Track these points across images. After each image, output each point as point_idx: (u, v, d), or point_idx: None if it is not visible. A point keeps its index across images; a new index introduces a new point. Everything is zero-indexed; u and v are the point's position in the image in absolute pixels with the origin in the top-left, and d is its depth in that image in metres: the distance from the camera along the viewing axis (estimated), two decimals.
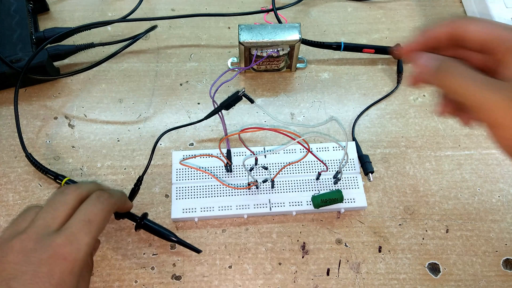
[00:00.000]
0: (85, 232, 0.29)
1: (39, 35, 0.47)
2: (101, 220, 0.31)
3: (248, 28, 0.43)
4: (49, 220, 0.29)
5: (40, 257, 0.28)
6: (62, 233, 0.28)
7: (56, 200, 0.31)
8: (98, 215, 0.30)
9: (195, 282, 0.37)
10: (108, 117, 0.45)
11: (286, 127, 0.45)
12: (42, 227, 0.29)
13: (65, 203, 0.30)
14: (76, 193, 0.31)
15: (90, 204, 0.31)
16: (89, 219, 0.30)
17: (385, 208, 0.41)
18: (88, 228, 0.29)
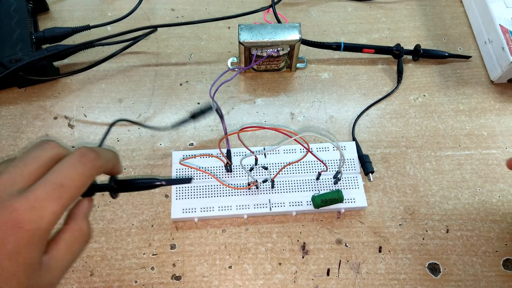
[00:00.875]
0: (52, 199, 0.24)
1: (39, 35, 0.47)
2: (77, 186, 0.25)
3: (248, 28, 0.43)
4: (15, 177, 0.25)
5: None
6: (24, 196, 0.24)
7: (29, 154, 0.26)
8: (74, 180, 0.25)
9: (195, 282, 0.37)
10: (108, 117, 0.45)
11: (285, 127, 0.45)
12: (4, 185, 0.24)
13: (38, 159, 0.25)
14: (56, 149, 0.26)
15: (67, 164, 0.25)
16: (62, 183, 0.24)
17: (385, 208, 0.41)
18: (58, 194, 0.24)
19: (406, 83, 0.48)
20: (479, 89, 0.48)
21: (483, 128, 0.45)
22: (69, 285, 0.37)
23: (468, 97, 0.47)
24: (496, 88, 0.48)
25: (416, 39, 0.51)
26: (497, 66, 0.47)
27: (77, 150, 0.26)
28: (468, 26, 0.52)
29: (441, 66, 0.49)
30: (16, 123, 0.45)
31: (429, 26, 0.53)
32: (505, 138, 0.45)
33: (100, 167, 0.27)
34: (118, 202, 0.41)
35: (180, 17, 0.53)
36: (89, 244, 0.38)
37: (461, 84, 0.48)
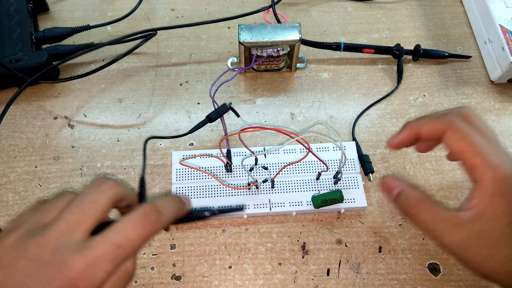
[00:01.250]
0: (110, 259, 0.23)
1: (39, 35, 0.47)
2: (135, 247, 0.24)
3: (248, 28, 0.43)
4: (72, 226, 0.24)
5: (51, 276, 0.23)
6: (82, 253, 0.23)
7: (86, 197, 0.25)
8: (134, 242, 0.24)
9: (195, 282, 0.37)
10: (108, 117, 0.45)
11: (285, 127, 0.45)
12: (63, 233, 0.24)
13: (96, 204, 0.25)
14: (114, 191, 0.25)
15: (129, 224, 0.25)
16: (121, 244, 0.24)
17: (385, 208, 0.41)
18: (115, 255, 0.24)
19: (406, 83, 0.48)
20: (479, 89, 0.48)
21: None
22: None
23: (468, 97, 0.47)
24: (496, 88, 0.48)
25: (416, 39, 0.51)
26: (497, 66, 0.47)
27: (141, 208, 0.25)
28: (468, 26, 0.52)
29: (441, 66, 0.49)
30: (16, 123, 0.45)
31: (429, 26, 0.53)
32: (505, 138, 0.45)
33: (160, 228, 0.26)
34: None
35: (180, 17, 0.53)
36: None
37: (461, 84, 0.48)
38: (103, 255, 0.23)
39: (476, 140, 0.29)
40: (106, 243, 0.24)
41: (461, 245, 0.29)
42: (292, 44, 0.43)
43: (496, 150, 0.29)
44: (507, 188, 0.28)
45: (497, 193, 0.28)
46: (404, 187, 0.32)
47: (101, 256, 0.23)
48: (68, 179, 0.42)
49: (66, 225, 0.24)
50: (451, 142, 0.30)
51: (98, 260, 0.23)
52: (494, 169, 0.28)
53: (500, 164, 0.28)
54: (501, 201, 0.28)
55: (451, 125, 0.30)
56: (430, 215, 0.30)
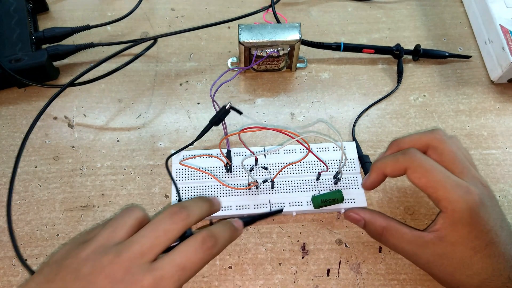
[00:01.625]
0: (174, 280, 0.26)
1: (39, 35, 0.47)
2: (195, 270, 0.27)
3: (248, 28, 0.43)
4: (145, 249, 0.27)
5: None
6: (152, 274, 0.26)
7: (160, 225, 0.28)
8: (195, 264, 0.27)
9: (195, 282, 0.37)
10: (108, 117, 0.45)
11: (285, 127, 0.45)
12: (136, 255, 0.26)
13: (167, 233, 0.27)
14: (185, 222, 0.28)
15: (191, 248, 0.27)
16: (184, 266, 0.26)
17: (385, 208, 0.41)
18: (178, 276, 0.26)
19: (406, 83, 0.48)
20: (479, 89, 0.48)
21: (483, 128, 0.45)
22: None
23: (468, 97, 0.47)
24: (496, 88, 0.48)
25: (416, 39, 0.51)
26: (497, 66, 0.47)
27: (199, 234, 0.28)
28: (468, 26, 0.52)
29: (441, 66, 0.49)
30: (16, 123, 0.45)
31: (429, 26, 0.52)
32: (505, 138, 0.45)
33: (216, 253, 0.29)
34: (118, 202, 0.41)
35: (180, 17, 0.53)
36: None
37: (461, 84, 0.48)
38: (169, 276, 0.26)
39: (437, 175, 0.31)
40: (172, 265, 0.26)
41: (426, 263, 0.33)
42: (292, 44, 0.43)
43: (461, 180, 0.32)
44: (469, 217, 0.30)
45: (459, 222, 0.31)
46: (367, 218, 0.36)
47: (168, 277, 0.26)
48: (68, 179, 0.42)
49: (140, 248, 0.27)
50: (413, 179, 0.32)
51: (164, 281, 0.26)
52: (455, 203, 0.31)
53: (462, 196, 0.31)
54: (462, 228, 0.31)
55: (411, 164, 0.32)
56: (396, 239, 0.34)
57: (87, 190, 0.41)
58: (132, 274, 0.26)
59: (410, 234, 0.33)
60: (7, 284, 0.37)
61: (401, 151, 0.34)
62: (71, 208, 0.40)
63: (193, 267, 0.27)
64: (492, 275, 0.31)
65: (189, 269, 0.27)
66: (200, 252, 0.27)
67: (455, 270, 0.32)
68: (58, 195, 0.41)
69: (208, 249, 0.28)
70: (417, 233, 0.33)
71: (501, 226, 0.31)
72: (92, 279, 0.26)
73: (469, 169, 0.33)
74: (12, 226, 0.39)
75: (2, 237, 0.39)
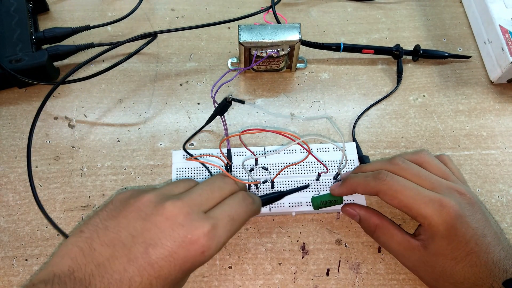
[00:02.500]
0: (227, 229, 0.28)
1: (39, 35, 0.47)
2: (242, 222, 0.30)
3: (248, 28, 0.43)
4: (203, 199, 0.29)
5: (185, 238, 0.27)
6: (209, 221, 0.28)
7: (215, 183, 0.31)
8: (240, 216, 0.30)
9: (195, 282, 0.37)
10: (108, 117, 0.46)
11: (285, 127, 0.45)
12: (196, 203, 0.28)
13: (221, 190, 0.30)
14: (233, 186, 0.31)
15: (237, 202, 0.30)
16: (233, 217, 0.29)
17: (384, 208, 0.41)
18: (231, 226, 0.29)
19: (405, 84, 0.48)
20: (478, 90, 0.48)
21: (482, 129, 0.45)
22: None
23: (467, 97, 0.47)
24: (496, 89, 0.48)
25: (416, 39, 0.51)
26: (496, 66, 0.47)
27: (240, 193, 0.32)
28: (468, 27, 0.52)
29: (440, 67, 0.49)
30: (16, 123, 0.45)
31: (429, 26, 0.53)
32: (504, 139, 0.45)
33: (255, 211, 0.33)
34: None
35: (180, 17, 0.53)
36: None
37: (461, 84, 0.48)
38: (223, 224, 0.28)
39: (408, 194, 0.32)
40: (224, 215, 0.29)
41: (413, 266, 0.34)
42: (292, 44, 0.43)
43: (434, 193, 0.32)
44: (445, 230, 0.31)
45: (436, 235, 0.32)
46: (362, 214, 0.37)
47: (221, 225, 0.28)
48: (68, 179, 0.42)
49: (199, 197, 0.29)
50: (386, 201, 0.34)
51: (219, 229, 0.28)
52: (429, 218, 0.32)
53: (435, 210, 0.31)
54: (441, 240, 0.32)
55: (381, 187, 0.33)
56: (387, 237, 0.35)
57: (88, 190, 0.41)
58: (192, 220, 0.27)
59: (400, 236, 0.34)
60: (7, 284, 0.37)
61: (372, 174, 0.34)
62: (72, 208, 0.40)
63: (240, 219, 0.30)
64: (474, 284, 0.31)
65: (237, 220, 0.29)
66: (244, 206, 0.30)
67: (439, 278, 0.32)
68: (58, 195, 0.41)
69: (250, 204, 0.31)
70: (407, 236, 0.34)
71: (483, 234, 0.31)
72: (153, 220, 0.27)
73: (440, 181, 0.33)
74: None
75: (3, 237, 0.39)
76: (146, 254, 0.26)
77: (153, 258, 0.26)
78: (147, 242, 0.27)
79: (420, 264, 0.33)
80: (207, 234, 0.27)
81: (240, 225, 0.30)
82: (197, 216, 0.28)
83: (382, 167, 0.35)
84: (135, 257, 0.26)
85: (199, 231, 0.27)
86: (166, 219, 0.27)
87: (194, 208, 0.28)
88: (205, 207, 0.29)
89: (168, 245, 0.26)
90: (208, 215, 0.28)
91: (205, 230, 0.27)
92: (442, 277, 0.32)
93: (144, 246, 0.26)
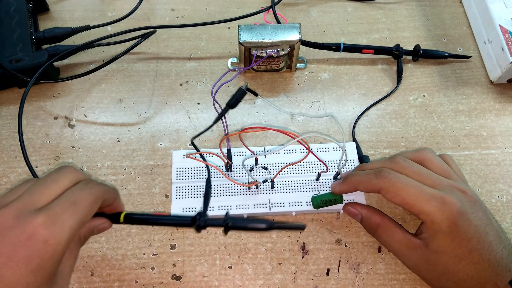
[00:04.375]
0: (69, 214, 0.27)
1: (39, 35, 0.47)
2: (87, 204, 0.28)
3: (248, 28, 0.43)
4: (35, 197, 0.27)
5: (19, 237, 0.25)
6: (44, 212, 0.26)
7: (49, 177, 0.29)
8: (85, 199, 0.28)
9: (195, 282, 0.37)
10: (108, 117, 0.46)
11: (285, 127, 0.45)
12: (26, 203, 0.27)
13: (57, 182, 0.28)
14: (73, 175, 0.29)
15: (78, 187, 0.29)
16: (75, 201, 0.27)
17: (385, 208, 0.41)
18: (73, 210, 0.27)
19: (405, 84, 0.48)
20: (478, 90, 0.48)
21: (482, 129, 0.45)
22: (69, 285, 0.37)
23: (467, 97, 0.47)
24: (496, 89, 0.48)
25: (416, 39, 0.51)
26: (496, 66, 0.47)
27: (83, 180, 0.30)
28: (468, 27, 0.52)
29: (440, 67, 0.49)
30: (16, 123, 0.45)
31: (429, 26, 0.53)
32: (504, 139, 0.45)
33: (104, 192, 0.30)
34: None
35: (180, 17, 0.53)
36: (89, 244, 0.38)
37: (461, 84, 0.48)
38: (63, 210, 0.26)
39: (410, 191, 0.32)
40: (62, 201, 0.27)
41: (414, 265, 0.34)
42: (292, 44, 0.43)
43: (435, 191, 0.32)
44: (447, 227, 0.31)
45: (439, 232, 0.32)
46: (363, 213, 0.37)
47: (61, 211, 0.26)
48: None
49: (29, 197, 0.27)
50: (388, 199, 0.34)
51: (59, 216, 0.26)
52: (431, 215, 0.32)
53: (437, 208, 0.31)
54: (443, 237, 0.31)
55: (383, 185, 0.33)
56: (388, 236, 0.35)
57: None
58: (23, 219, 0.26)
59: (401, 235, 0.34)
60: None
61: (374, 171, 0.34)
62: None
63: (83, 201, 0.28)
64: (478, 283, 0.31)
65: (80, 203, 0.27)
66: (87, 188, 0.29)
67: (441, 276, 0.32)
68: None
69: (94, 186, 0.29)
70: (408, 235, 0.34)
71: (485, 232, 0.32)
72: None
73: (441, 179, 0.34)
74: None
75: None
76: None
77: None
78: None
79: (422, 263, 0.33)
80: (44, 224, 0.25)
81: (86, 207, 0.28)
82: (28, 214, 0.26)
83: (384, 165, 0.35)
84: None
85: (32, 225, 0.25)
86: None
87: (24, 209, 0.26)
88: (38, 204, 0.27)
89: (4, 252, 0.25)
90: (43, 208, 0.27)
91: (40, 221, 0.26)
92: (444, 276, 0.32)
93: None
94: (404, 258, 0.34)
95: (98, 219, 0.32)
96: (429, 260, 0.32)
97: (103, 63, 0.46)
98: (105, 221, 0.32)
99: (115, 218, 0.32)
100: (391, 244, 0.35)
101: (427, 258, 0.32)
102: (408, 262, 0.34)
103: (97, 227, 0.32)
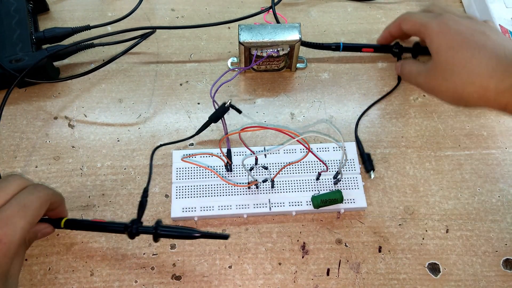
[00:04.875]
0: (20, 216, 0.29)
1: (39, 35, 0.47)
2: (36, 207, 0.31)
3: (248, 28, 0.43)
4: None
5: None
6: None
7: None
8: (33, 202, 0.31)
9: (195, 282, 0.37)
10: (108, 117, 0.45)
11: (285, 127, 0.45)
12: None
13: (5, 189, 0.31)
14: (19, 182, 0.32)
15: (26, 191, 0.31)
16: (25, 204, 0.30)
17: (385, 208, 0.41)
18: (23, 213, 0.30)
19: (405, 83, 0.48)
20: None
21: (482, 128, 0.45)
22: (69, 285, 0.37)
23: None
24: None
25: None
26: None
27: (31, 184, 0.32)
28: None
29: None
30: (16, 123, 0.45)
31: None
32: (504, 138, 0.45)
33: (52, 195, 0.33)
34: (119, 202, 0.41)
35: (180, 17, 0.53)
36: (89, 244, 0.38)
37: None
38: (13, 213, 0.29)
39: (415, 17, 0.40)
40: (11, 205, 0.29)
41: (427, 80, 0.39)
42: (292, 44, 0.43)
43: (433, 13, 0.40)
44: (439, 26, 0.37)
45: (433, 35, 0.37)
46: (401, 62, 0.44)
47: (11, 214, 0.29)
48: (68, 179, 0.42)
49: None
50: (405, 30, 0.42)
51: (11, 218, 0.29)
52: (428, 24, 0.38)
53: (432, 18, 0.38)
54: (437, 39, 0.37)
55: (403, 19, 0.42)
56: (407, 68, 0.42)
57: (87, 190, 0.41)
58: None
59: (418, 63, 0.41)
60: None
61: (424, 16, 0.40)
62: (72, 208, 0.40)
63: (32, 204, 0.30)
64: (491, 77, 0.33)
65: (29, 205, 0.30)
66: (35, 192, 0.31)
67: (444, 73, 0.36)
68: None
69: (42, 190, 0.32)
70: (423, 64, 0.40)
71: (481, 31, 0.35)
72: None
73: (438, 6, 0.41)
74: None
75: None
76: None
77: None
78: None
79: (431, 74, 0.38)
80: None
81: (36, 209, 0.31)
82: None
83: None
84: None
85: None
86: None
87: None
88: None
89: None
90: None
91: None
92: (446, 71, 0.36)
93: None
94: (421, 78, 0.39)
95: (41, 224, 0.34)
96: (435, 67, 0.37)
97: (103, 63, 0.46)
98: (47, 226, 0.35)
99: (56, 223, 0.35)
100: (412, 70, 0.41)
101: (434, 67, 0.37)
102: (423, 79, 0.39)
103: (41, 231, 0.35)
